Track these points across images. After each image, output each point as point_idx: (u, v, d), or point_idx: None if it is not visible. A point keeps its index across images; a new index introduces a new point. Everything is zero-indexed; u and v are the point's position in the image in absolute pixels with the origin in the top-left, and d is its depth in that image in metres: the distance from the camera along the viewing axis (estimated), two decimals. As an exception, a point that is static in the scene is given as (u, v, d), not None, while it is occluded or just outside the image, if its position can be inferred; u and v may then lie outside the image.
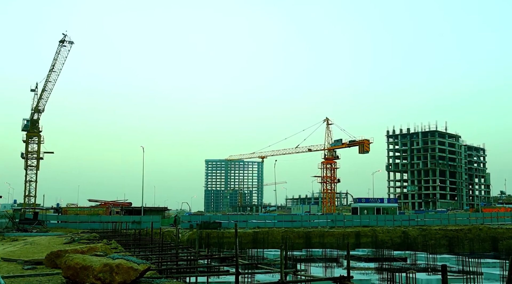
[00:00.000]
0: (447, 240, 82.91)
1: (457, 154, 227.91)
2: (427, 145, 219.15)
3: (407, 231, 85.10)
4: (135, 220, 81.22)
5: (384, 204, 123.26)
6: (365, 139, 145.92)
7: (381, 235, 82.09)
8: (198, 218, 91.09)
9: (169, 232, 69.70)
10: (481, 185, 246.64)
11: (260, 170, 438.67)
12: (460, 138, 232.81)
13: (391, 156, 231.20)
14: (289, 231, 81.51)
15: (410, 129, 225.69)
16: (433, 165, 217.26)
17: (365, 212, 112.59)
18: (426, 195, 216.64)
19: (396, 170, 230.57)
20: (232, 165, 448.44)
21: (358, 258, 54.01)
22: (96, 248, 22.12)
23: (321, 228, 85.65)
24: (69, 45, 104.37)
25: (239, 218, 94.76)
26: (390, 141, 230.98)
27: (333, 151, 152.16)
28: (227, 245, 64.63)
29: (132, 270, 14.22)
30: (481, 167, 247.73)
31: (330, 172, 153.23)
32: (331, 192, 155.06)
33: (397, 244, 78.93)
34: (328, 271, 38.95)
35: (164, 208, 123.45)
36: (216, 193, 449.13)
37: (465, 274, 33.77)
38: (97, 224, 79.30)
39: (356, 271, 40.58)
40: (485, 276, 36.40)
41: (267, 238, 72.68)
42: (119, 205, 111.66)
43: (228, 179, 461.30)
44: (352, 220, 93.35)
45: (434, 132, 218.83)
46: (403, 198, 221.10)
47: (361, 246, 75.72)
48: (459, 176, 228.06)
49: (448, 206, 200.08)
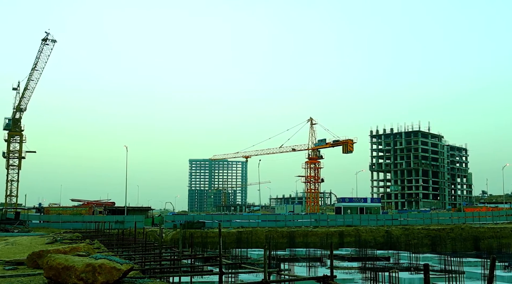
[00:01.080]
0: (429, 240, 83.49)
1: (439, 154, 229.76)
2: (410, 144, 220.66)
3: (390, 231, 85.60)
4: (118, 220, 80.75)
5: (368, 203, 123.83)
6: (349, 139, 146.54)
7: (364, 234, 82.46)
8: (182, 218, 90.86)
9: (153, 232, 69.43)
10: (463, 184, 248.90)
11: (244, 169, 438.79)
12: (442, 138, 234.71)
13: (375, 156, 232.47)
14: (273, 231, 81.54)
15: (393, 130, 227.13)
16: (416, 164, 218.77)
17: (349, 211, 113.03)
18: (409, 194, 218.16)
19: (380, 169, 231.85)
20: (216, 164, 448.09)
21: (342, 257, 54.24)
22: (78, 248, 21.96)
23: (305, 228, 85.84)
24: (52, 44, 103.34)
25: (223, 218, 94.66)
26: (374, 141, 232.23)
27: (317, 151, 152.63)
28: (211, 245, 64.58)
29: (115, 270, 14.13)
30: (463, 167, 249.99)
31: (314, 171, 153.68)
32: (315, 191, 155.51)
33: (380, 243, 79.34)
34: (311, 270, 39.07)
35: (147, 207, 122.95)
36: (200, 192, 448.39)
37: (447, 273, 34.06)
38: (79, 224, 78.70)
39: (340, 271, 40.75)
40: (467, 275, 36.73)
41: (251, 238, 72.62)
42: (102, 204, 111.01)
43: (212, 178, 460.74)
44: (335, 220, 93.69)
45: (417, 133, 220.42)
46: (387, 197, 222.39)
47: (344, 245, 76.01)
48: (442, 176, 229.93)
49: (431, 206, 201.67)
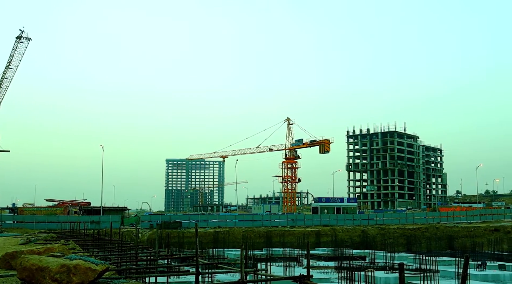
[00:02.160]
0: (405, 239, 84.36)
1: (415, 154, 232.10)
2: (386, 145, 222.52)
3: (367, 230, 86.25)
4: (94, 220, 79.96)
5: (344, 203, 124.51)
6: (326, 140, 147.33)
7: (341, 234, 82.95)
8: (159, 218, 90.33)
9: (129, 232, 68.97)
10: (438, 184, 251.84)
11: (221, 169, 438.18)
12: (418, 139, 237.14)
13: (351, 156, 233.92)
14: (250, 231, 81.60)
15: (370, 130, 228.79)
16: (392, 164, 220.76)
17: (325, 211, 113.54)
18: (385, 194, 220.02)
19: (356, 169, 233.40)
20: (193, 164, 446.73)
21: (318, 257, 54.50)
22: (53, 249, 21.70)
23: (282, 228, 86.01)
24: (26, 42, 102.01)
25: (200, 218, 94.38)
26: (350, 141, 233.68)
27: (294, 151, 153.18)
28: (187, 245, 64.38)
29: (90, 270, 13.99)
30: (438, 167, 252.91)
31: (291, 171, 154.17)
32: (292, 191, 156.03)
33: (357, 243, 79.92)
34: (288, 270, 39.17)
35: (123, 207, 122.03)
36: (176, 192, 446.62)
37: (422, 272, 34.44)
38: (54, 224, 77.74)
39: (316, 270, 40.94)
40: (441, 273, 37.21)
41: (228, 238, 72.58)
42: (78, 204, 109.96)
43: (189, 178, 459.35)
44: (312, 220, 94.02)
45: (393, 133, 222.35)
46: (363, 197, 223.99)
47: (321, 245, 76.38)
48: (417, 176, 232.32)
49: (406, 205, 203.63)
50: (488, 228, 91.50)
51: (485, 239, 79.95)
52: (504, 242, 77.05)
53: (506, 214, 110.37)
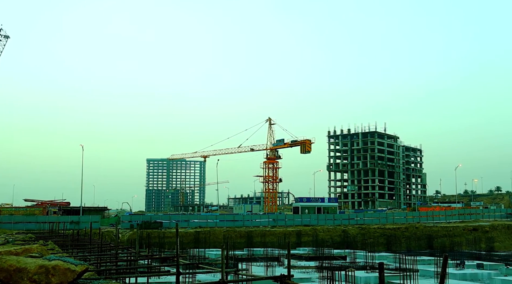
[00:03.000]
0: (385, 239, 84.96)
1: (395, 154, 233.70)
2: (367, 145, 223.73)
3: (347, 230, 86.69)
4: (73, 220, 79.34)
5: (325, 203, 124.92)
6: (307, 140, 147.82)
7: (321, 234, 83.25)
8: (139, 218, 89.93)
9: (109, 232, 68.52)
10: (418, 184, 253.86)
11: (202, 169, 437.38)
12: (398, 139, 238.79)
13: (332, 156, 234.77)
14: (231, 231, 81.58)
15: (350, 130, 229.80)
16: (372, 165, 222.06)
17: (306, 211, 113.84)
18: (366, 194, 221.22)
19: (337, 169, 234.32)
20: (174, 164, 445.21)
21: (299, 257, 54.65)
22: (31, 250, 21.45)
23: (263, 228, 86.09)
24: (4, 40, 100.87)
25: (181, 218, 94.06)
26: (331, 141, 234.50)
27: (275, 151, 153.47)
28: (168, 245, 64.11)
29: (70, 271, 13.85)
30: (418, 167, 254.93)
31: (272, 171, 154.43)
32: (273, 191, 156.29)
33: (337, 242, 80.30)
34: (269, 270, 39.22)
35: (104, 207, 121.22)
36: (157, 192, 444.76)
37: (402, 271, 34.70)
38: (33, 224, 76.93)
39: (297, 270, 41.04)
40: (421, 273, 37.54)
41: (209, 238, 72.49)
42: (57, 204, 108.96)
43: (170, 178, 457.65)
44: (293, 219, 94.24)
45: (374, 133, 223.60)
46: (344, 197, 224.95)
47: (302, 245, 76.61)
48: (397, 176, 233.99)
49: (387, 205, 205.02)
50: (467, 228, 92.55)
51: (463, 239, 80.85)
52: (482, 242, 77.96)
53: (484, 214, 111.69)
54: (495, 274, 40.21)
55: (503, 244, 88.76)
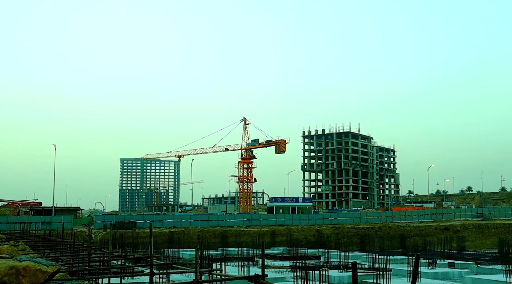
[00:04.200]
0: (359, 238, 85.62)
1: (369, 154, 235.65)
2: (341, 145, 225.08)
3: (321, 230, 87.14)
4: (45, 220, 78.32)
5: (299, 203, 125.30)
6: (282, 140, 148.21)
7: (296, 233, 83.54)
8: (112, 218, 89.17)
9: (82, 233, 67.82)
10: (391, 184, 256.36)
11: (176, 169, 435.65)
12: (372, 139, 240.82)
13: (307, 156, 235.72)
14: (205, 231, 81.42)
15: (325, 130, 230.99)
16: (346, 165, 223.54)
17: (281, 211, 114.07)
18: (340, 194, 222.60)
19: (311, 169, 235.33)
20: (148, 164, 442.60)
21: (273, 256, 54.78)
22: (1, 250, 21.08)
23: (237, 227, 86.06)
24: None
25: (155, 218, 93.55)
26: (306, 141, 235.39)
27: (250, 151, 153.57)
28: (142, 245, 63.75)
29: (41, 272, 13.66)
30: (391, 167, 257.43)
31: (247, 171, 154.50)
32: (248, 191, 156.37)
33: (312, 242, 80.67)
34: (243, 270, 39.23)
35: (76, 207, 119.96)
36: (131, 192, 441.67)
37: (375, 270, 34.99)
38: (3, 224, 75.63)
39: (271, 270, 41.13)
40: (394, 272, 37.94)
41: (183, 238, 72.19)
42: (28, 204, 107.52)
43: (144, 178, 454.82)
44: (268, 219, 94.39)
45: (348, 134, 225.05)
46: (318, 197, 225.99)
47: (276, 244, 76.75)
48: (371, 176, 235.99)
49: (360, 205, 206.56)
50: (439, 227, 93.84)
51: (435, 238, 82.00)
52: (453, 241, 79.04)
53: (456, 214, 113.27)
54: (466, 272, 40.85)
55: (473, 243, 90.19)
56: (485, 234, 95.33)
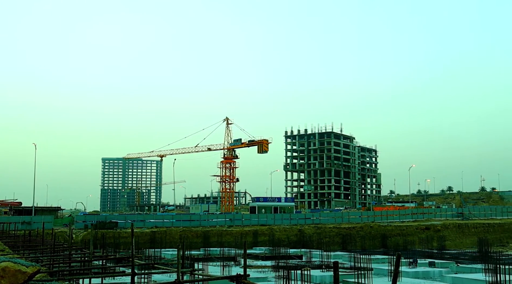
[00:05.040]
0: (340, 238, 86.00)
1: (351, 154, 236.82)
2: (323, 145, 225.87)
3: (303, 230, 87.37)
4: (25, 220, 77.51)
5: (282, 203, 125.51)
6: (264, 140, 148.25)
7: (278, 233, 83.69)
8: (94, 218, 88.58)
9: (62, 233, 67.26)
10: (373, 184, 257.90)
11: (159, 168, 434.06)
12: (354, 139, 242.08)
13: (289, 156, 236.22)
14: (187, 230, 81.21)
15: (307, 130, 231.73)
16: (328, 165, 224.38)
17: (263, 211, 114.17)
18: (322, 194, 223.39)
19: (294, 169, 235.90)
20: (130, 163, 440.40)
21: (256, 256, 54.83)
22: (-20, 251, 20.84)
23: (220, 227, 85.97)
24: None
25: (137, 218, 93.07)
26: (288, 141, 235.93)
27: (233, 151, 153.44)
28: (124, 245, 63.40)
29: (20, 273, 13.48)
30: (373, 167, 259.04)
31: (229, 171, 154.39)
32: (230, 191, 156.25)
33: (294, 242, 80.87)
34: (225, 270, 39.21)
35: (57, 207, 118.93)
36: (113, 192, 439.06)
37: (356, 270, 35.16)
38: (-17, 225, 74.77)
39: (253, 270, 41.15)
40: (375, 271, 38.17)
41: (165, 238, 71.94)
42: (8, 204, 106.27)
43: (125, 177, 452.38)
44: (250, 219, 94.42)
45: (330, 134, 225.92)
46: (300, 197, 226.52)
47: (258, 244, 76.82)
48: (353, 176, 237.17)
49: (342, 205, 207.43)
50: (420, 227, 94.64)
51: (416, 237, 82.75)
52: (434, 240, 79.81)
53: (436, 213, 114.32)
54: (446, 271, 41.26)
55: (453, 243, 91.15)
56: (465, 233, 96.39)
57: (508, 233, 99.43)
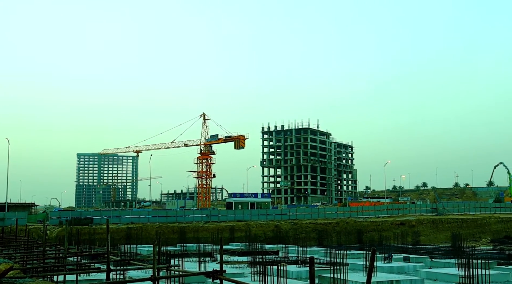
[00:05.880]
0: (316, 233, 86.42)
1: (327, 150, 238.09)
2: (300, 141, 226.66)
3: (280, 225, 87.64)
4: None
5: (258, 198, 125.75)
6: (241, 135, 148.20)
7: (254, 229, 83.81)
8: (69, 214, 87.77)
9: (36, 229, 66.51)
10: (349, 180, 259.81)
11: (135, 164, 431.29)
12: (330, 136, 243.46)
13: (266, 152, 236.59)
14: (164, 226, 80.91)
15: (284, 126, 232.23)
16: (305, 160, 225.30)
17: (240, 206, 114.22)
18: (298, 190, 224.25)
19: (270, 165, 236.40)
20: (105, 159, 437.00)
21: (232, 252, 54.78)
22: (-48, 247, 20.50)
23: (196, 223, 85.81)
24: None
25: (112, 214, 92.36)
26: (265, 137, 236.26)
27: (209, 146, 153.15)
28: (99, 242, 62.96)
29: (-7, 270, 13.33)
30: (349, 163, 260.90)
31: (206, 167, 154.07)
32: (207, 187, 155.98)
33: (270, 238, 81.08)
34: (202, 265, 39.10)
35: (31, 203, 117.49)
36: (88, 188, 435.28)
37: (332, 265, 35.33)
38: (-46, 221, 73.57)
39: (230, 265, 41.14)
40: (350, 266, 38.40)
41: (141, 234, 71.52)
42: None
43: (101, 173, 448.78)
44: (226, 215, 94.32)
45: (307, 130, 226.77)
46: (277, 193, 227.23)
47: (235, 240, 76.86)
48: (329, 172, 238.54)
49: (319, 201, 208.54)
50: (395, 222, 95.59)
51: (391, 233, 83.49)
52: (409, 235, 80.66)
53: (411, 209, 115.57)
54: (420, 266, 41.72)
55: (428, 238, 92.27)
56: (439, 228, 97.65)
57: (480, 228, 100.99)
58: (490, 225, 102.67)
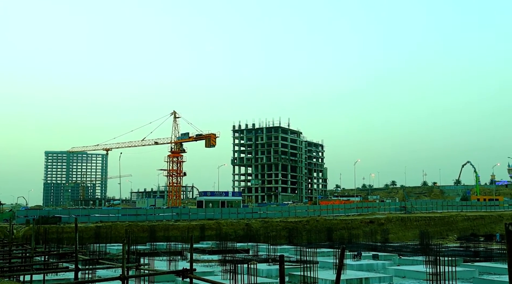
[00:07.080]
0: (287, 232, 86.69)
1: (298, 149, 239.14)
2: (271, 140, 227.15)
3: (250, 224, 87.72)
4: (-37, 216, 74.91)
5: (229, 197, 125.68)
6: (212, 134, 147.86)
7: (225, 227, 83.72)
8: (36, 213, 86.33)
9: (2, 228, 65.37)
10: (319, 179, 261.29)
11: (104, 162, 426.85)
12: (301, 134, 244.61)
13: (237, 150, 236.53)
14: (133, 225, 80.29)
15: (255, 125, 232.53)
16: (276, 159, 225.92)
17: (210, 205, 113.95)
18: (269, 188, 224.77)
19: (241, 164, 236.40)
20: (74, 157, 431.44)
21: (202, 250, 54.71)
22: None
23: (166, 222, 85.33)
24: None
25: (81, 212, 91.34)
26: (236, 136, 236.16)
27: (180, 145, 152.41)
28: (67, 241, 62.21)
29: (-43, 270, 13.05)
30: (319, 162, 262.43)
31: (177, 165, 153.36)
32: (177, 185, 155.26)
33: (241, 236, 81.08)
34: (172, 264, 38.93)
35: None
36: (56, 186, 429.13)
37: (302, 263, 35.52)
38: None
39: (200, 264, 41.05)
40: (320, 264, 38.71)
41: (111, 233, 70.78)
42: None
43: (70, 171, 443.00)
44: (197, 213, 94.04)
45: (278, 128, 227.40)
46: (247, 191, 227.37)
47: (205, 238, 76.66)
48: (300, 170, 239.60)
49: (289, 199, 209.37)
50: (364, 220, 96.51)
51: (361, 231, 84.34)
52: (378, 234, 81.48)
53: (380, 207, 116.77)
54: (389, 264, 42.24)
55: (396, 236, 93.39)
56: (408, 226, 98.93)
57: (448, 226, 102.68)
58: (457, 223, 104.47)
